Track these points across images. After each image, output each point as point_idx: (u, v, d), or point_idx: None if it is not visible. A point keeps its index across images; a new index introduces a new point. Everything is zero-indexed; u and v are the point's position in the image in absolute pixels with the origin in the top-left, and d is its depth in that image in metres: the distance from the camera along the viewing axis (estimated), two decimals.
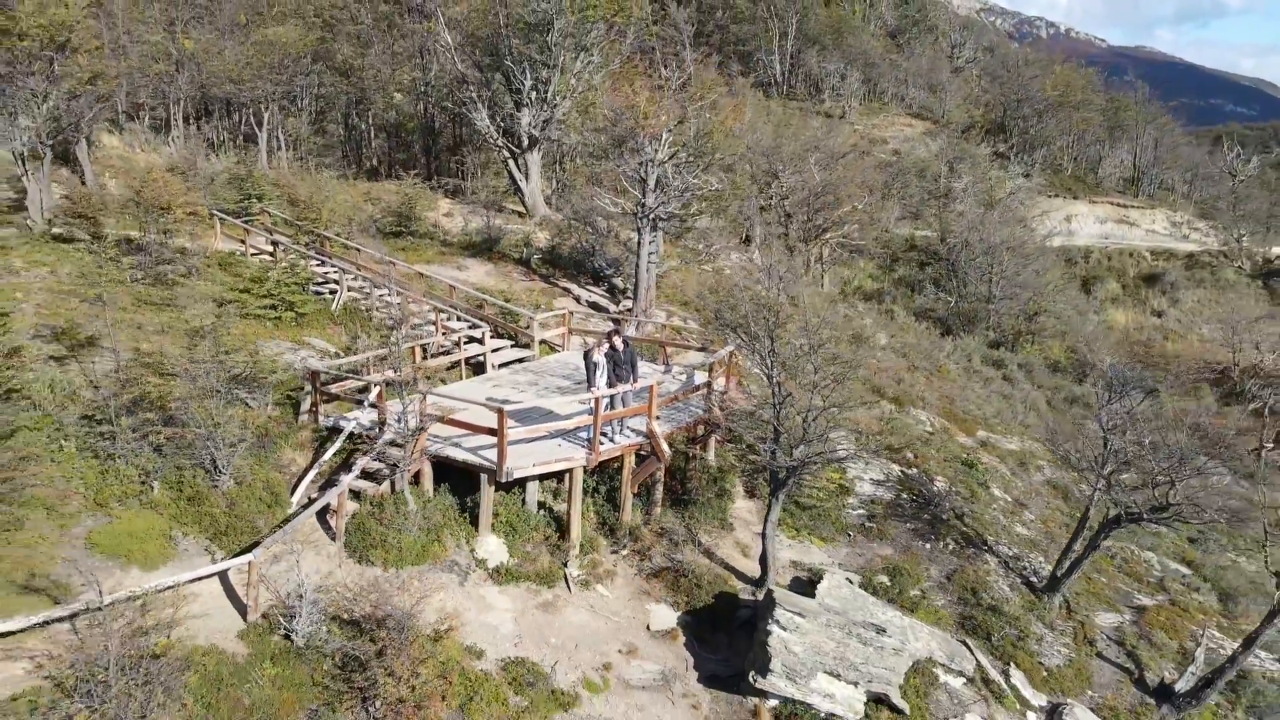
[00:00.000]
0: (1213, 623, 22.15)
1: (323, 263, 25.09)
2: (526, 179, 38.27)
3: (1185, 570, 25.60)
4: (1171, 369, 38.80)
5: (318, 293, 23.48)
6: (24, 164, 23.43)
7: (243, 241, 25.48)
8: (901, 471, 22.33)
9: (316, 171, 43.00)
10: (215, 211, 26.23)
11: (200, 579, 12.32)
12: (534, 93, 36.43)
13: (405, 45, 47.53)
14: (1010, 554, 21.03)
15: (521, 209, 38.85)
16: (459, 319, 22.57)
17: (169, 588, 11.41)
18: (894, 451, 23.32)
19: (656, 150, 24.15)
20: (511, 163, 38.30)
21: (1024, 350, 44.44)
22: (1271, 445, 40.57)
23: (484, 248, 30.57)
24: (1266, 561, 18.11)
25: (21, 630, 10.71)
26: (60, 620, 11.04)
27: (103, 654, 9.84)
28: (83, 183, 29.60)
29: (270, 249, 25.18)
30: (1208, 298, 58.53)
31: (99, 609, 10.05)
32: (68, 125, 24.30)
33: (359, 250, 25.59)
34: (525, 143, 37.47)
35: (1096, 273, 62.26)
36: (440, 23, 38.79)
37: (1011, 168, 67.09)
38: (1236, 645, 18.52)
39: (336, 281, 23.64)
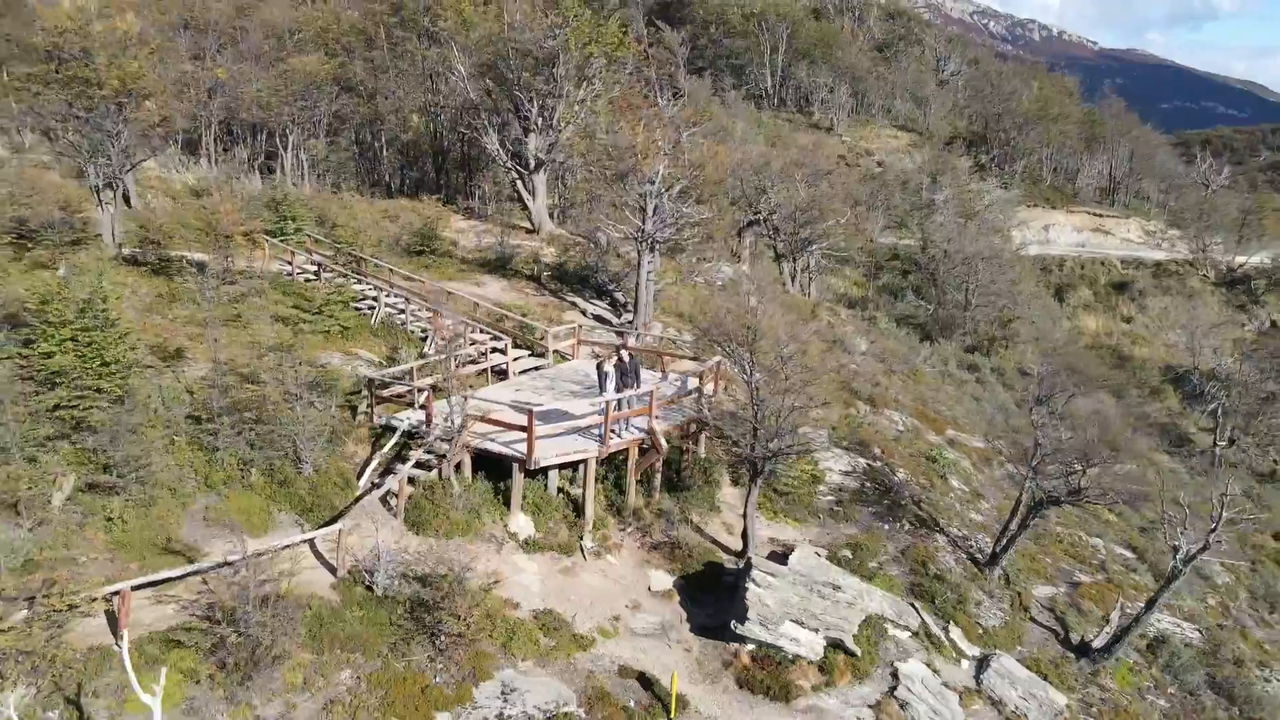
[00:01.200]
0: (1143, 597, 25.50)
1: (359, 281, 28.36)
2: (533, 198, 41.56)
3: (1129, 554, 28.94)
4: (1096, 374, 42.10)
5: (357, 308, 26.78)
6: (99, 195, 26.71)
7: (289, 262, 28.73)
8: (867, 464, 25.71)
9: (335, 190, 46.30)
10: (265, 236, 29.45)
11: (303, 542, 15.69)
12: (540, 119, 39.75)
13: (415, 68, 50.71)
14: (959, 534, 24.43)
15: (529, 225, 42.13)
16: (482, 331, 25.90)
17: (285, 547, 14.74)
18: (862, 446, 26.70)
19: (655, 181, 27.51)
20: (519, 183, 41.64)
21: (998, 355, 47.52)
22: (1225, 443, 43.95)
23: (498, 265, 33.90)
24: (1165, 536, 21.50)
25: (172, 579, 14.03)
26: (198, 573, 14.34)
27: (243, 594, 13.15)
28: (128, 203, 32.86)
29: (314, 269, 28.48)
30: (1173, 304, 61.96)
31: (244, 559, 13.33)
32: (138, 161, 27.56)
33: (391, 271, 28.89)
34: (532, 164, 40.78)
35: (1070, 281, 65.68)
36: (455, 54, 42.06)
37: (989, 181, 70.33)
38: (1149, 610, 21.84)
39: (374, 299, 26.96)
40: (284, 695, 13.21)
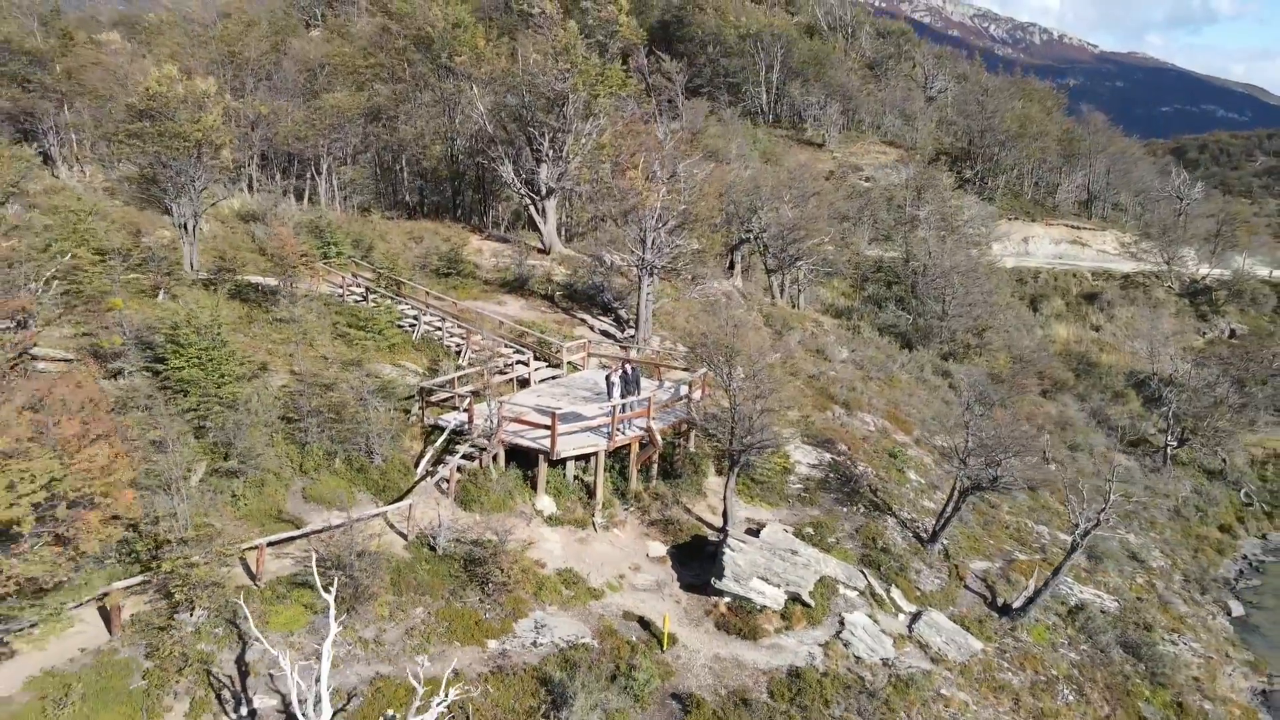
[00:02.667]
0: (1074, 574, 29.94)
1: (400, 301, 33.00)
2: (545, 221, 46.23)
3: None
4: (1015, 380, 46.24)
5: (399, 326, 31.42)
6: (182, 230, 31.41)
7: (339, 285, 33.36)
8: (832, 458, 30.33)
9: (364, 213, 50.91)
10: (318, 261, 34.05)
11: (380, 514, 20.39)
12: (551, 150, 44.37)
13: (434, 96, 55.15)
14: (909, 517, 29.03)
15: (540, 245, 46.78)
16: (507, 346, 30.56)
17: (372, 516, 19.44)
18: (829, 443, 31.31)
19: (654, 218, 32.19)
20: (532, 208, 46.29)
21: (972, 362, 51.57)
22: (1176, 443, 48.27)
23: (516, 285, 38.59)
24: (1069, 513, 26.07)
25: (294, 538, 18.73)
26: (312, 533, 19.03)
27: (349, 548, 17.82)
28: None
29: (361, 291, 33.13)
30: (1139, 314, 66.30)
31: (348, 523, 17.99)
32: (215, 201, 32.25)
33: (427, 293, 33.53)
34: (544, 191, 45.42)
35: (1044, 291, 70.07)
36: (474, 92, 46.72)
37: (969, 196, 74.49)
38: (1056, 575, 26.36)
39: (414, 317, 31.62)
40: (376, 623, 17.93)
